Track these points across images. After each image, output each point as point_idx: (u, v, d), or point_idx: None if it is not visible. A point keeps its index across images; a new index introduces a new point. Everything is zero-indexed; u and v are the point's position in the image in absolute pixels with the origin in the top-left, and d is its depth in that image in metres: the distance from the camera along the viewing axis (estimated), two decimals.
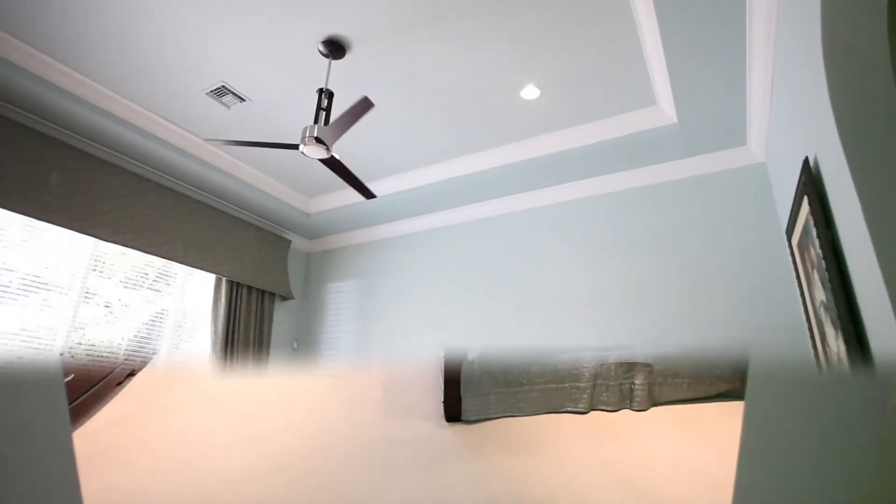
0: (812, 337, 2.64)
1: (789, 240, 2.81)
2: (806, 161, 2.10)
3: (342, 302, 5.43)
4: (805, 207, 2.20)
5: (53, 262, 3.73)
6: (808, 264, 2.38)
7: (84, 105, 3.48)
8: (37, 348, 3.56)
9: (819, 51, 1.70)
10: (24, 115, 3.51)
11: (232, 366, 4.63)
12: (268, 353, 5.06)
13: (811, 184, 2.06)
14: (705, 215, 3.71)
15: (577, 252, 4.16)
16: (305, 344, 5.54)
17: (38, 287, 3.62)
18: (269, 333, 5.13)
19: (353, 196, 4.87)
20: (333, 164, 3.17)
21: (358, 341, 5.12)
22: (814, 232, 2.09)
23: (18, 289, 3.53)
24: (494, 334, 4.31)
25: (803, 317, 3.04)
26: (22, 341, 3.50)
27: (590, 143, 3.74)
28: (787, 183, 2.82)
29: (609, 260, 3.99)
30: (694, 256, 3.66)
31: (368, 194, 3.59)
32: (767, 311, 3.31)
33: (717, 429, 1.62)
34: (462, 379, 1.96)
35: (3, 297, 3.45)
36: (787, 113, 2.56)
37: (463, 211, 4.84)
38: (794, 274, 3.09)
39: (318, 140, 2.83)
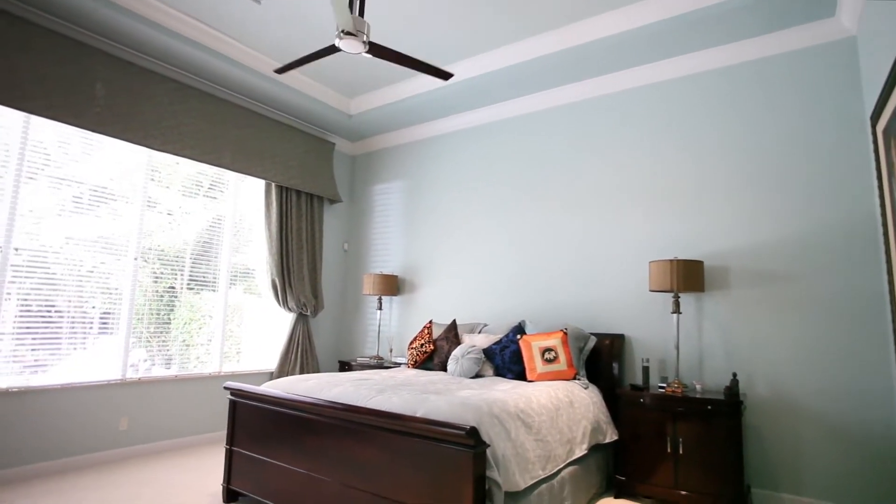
0: (885, 233, 2.47)
1: (874, 126, 2.54)
2: None
3: (389, 203, 5.50)
4: None
5: (116, 174, 3.91)
6: (895, 152, 2.16)
7: (115, 8, 3.39)
8: (115, 254, 3.87)
9: None
10: (61, 24, 3.48)
11: (288, 266, 4.89)
12: (321, 256, 5.29)
13: None
14: (777, 100, 3.37)
15: (634, 145, 3.93)
16: (355, 246, 5.75)
17: (105, 198, 3.85)
18: (321, 236, 5.33)
19: (394, 94, 4.71)
20: (383, 52, 2.92)
21: (406, 241, 5.25)
22: None
23: (90, 200, 3.76)
24: (546, 233, 4.30)
25: (878, 210, 2.84)
26: (102, 247, 3.81)
27: (652, 20, 3.34)
28: (880, 59, 2.47)
29: (668, 152, 3.76)
30: (760, 145, 3.39)
31: (443, 74, 3.09)
32: (837, 204, 3.10)
33: None
34: None
35: (77, 208, 3.69)
36: None
37: (510, 105, 4.60)
38: (873, 164, 2.83)
39: (349, 33, 2.65)
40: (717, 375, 3.35)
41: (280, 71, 3.13)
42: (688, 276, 3.20)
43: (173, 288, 4.27)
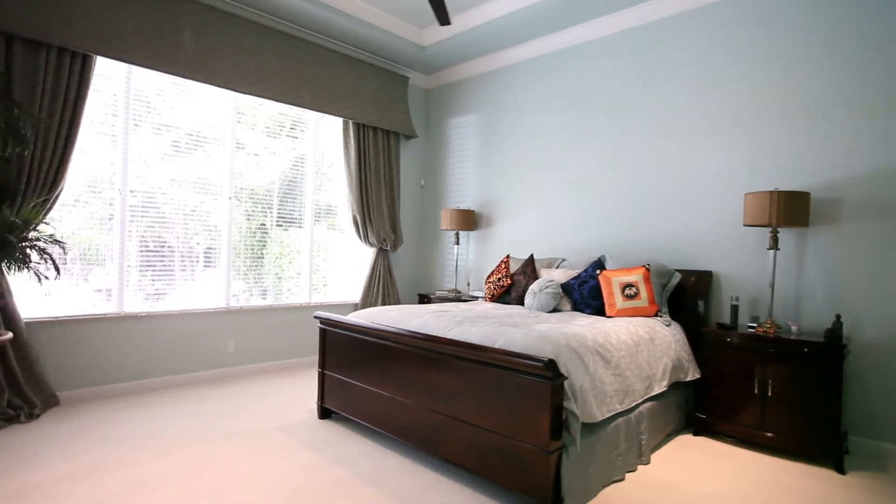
0: None
1: None
2: None
3: (464, 137, 5.41)
4: None
5: (207, 118, 4.14)
6: None
7: None
8: (212, 194, 4.18)
9: None
10: None
11: (368, 202, 5.05)
12: (398, 192, 5.39)
13: None
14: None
15: (729, 65, 3.52)
16: (432, 181, 5.77)
17: (199, 141, 4.11)
18: (398, 172, 5.40)
19: (468, 21, 4.50)
20: None
21: (482, 176, 5.20)
22: None
23: (186, 144, 4.04)
24: (628, 164, 4.06)
25: None
26: (200, 188, 4.12)
27: None
28: None
29: (769, 70, 3.33)
30: (880, 57, 2.90)
31: (444, 20, 3.11)
32: None
33: None
34: None
35: (177, 152, 3.98)
36: None
37: (591, 26, 4.24)
38: None
39: None
40: (816, 317, 3.11)
41: None
42: (790, 209, 2.91)
43: (264, 225, 4.57)
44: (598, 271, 3.53)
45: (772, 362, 2.86)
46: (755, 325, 3.07)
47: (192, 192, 4.08)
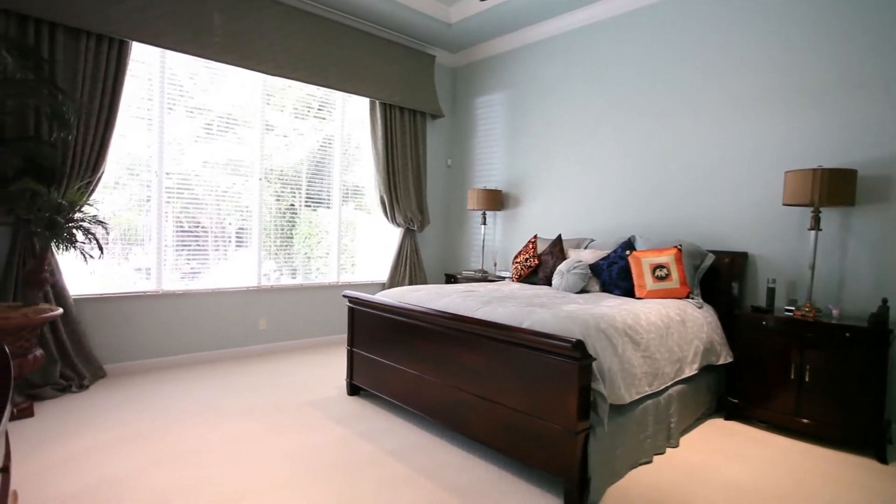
0: None
1: None
2: None
3: (491, 116, 5.34)
4: None
5: (237, 101, 4.20)
6: None
7: None
8: (243, 176, 4.26)
9: None
10: None
11: (395, 183, 5.06)
12: (425, 172, 5.38)
13: None
14: None
15: (768, 37, 3.35)
16: (459, 161, 5.74)
17: (230, 124, 4.17)
18: (425, 152, 5.38)
19: None
20: None
21: (510, 155, 5.13)
22: None
23: (218, 127, 4.11)
24: (660, 142, 3.94)
25: None
26: (232, 170, 4.21)
27: None
28: None
29: (812, 40, 3.15)
30: None
31: None
32: None
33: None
34: None
35: (209, 135, 4.06)
36: None
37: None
38: None
39: None
40: (860, 301, 2.98)
41: None
42: (834, 188, 2.78)
43: (293, 206, 4.65)
44: (627, 252, 3.47)
45: (810, 347, 2.78)
46: (793, 308, 2.97)
47: (223, 173, 4.16)
